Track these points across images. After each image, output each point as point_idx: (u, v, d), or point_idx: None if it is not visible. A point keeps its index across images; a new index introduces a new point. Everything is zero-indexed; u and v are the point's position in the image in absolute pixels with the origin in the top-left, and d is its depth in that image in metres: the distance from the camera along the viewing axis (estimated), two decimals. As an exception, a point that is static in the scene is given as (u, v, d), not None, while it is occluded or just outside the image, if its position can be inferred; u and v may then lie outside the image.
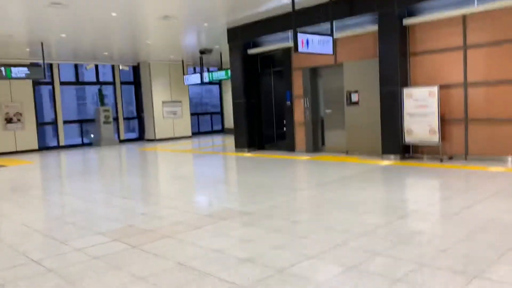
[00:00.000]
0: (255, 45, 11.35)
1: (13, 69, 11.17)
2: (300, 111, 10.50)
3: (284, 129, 11.13)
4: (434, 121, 7.87)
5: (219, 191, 6.58)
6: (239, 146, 11.61)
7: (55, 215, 5.31)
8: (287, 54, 10.60)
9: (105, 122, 16.25)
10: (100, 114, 16.20)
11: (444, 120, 8.00)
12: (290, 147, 10.78)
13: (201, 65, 16.42)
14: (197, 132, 20.00)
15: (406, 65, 8.42)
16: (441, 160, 7.83)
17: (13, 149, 14.50)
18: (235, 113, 11.74)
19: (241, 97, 11.39)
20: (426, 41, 8.20)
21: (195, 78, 17.22)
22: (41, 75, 11.90)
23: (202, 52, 14.71)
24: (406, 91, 8.18)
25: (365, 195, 5.50)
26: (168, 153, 12.72)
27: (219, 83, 20.84)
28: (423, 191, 5.90)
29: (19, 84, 14.42)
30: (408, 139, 8.26)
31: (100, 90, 16.80)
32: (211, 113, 21.92)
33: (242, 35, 11.18)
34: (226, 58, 16.03)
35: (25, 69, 11.43)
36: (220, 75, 16.05)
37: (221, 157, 11.23)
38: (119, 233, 4.24)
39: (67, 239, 4.14)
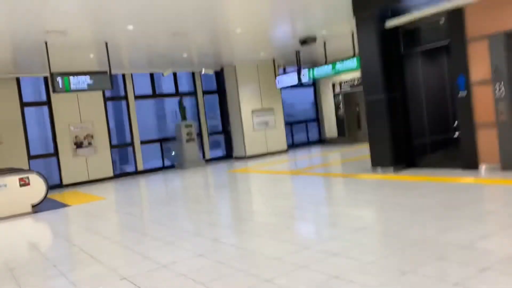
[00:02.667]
0: (396, 13, 7.72)
1: (72, 78, 8.59)
2: (485, 105, 6.62)
3: (450, 134, 7.32)
4: None
5: None
6: (378, 163, 7.94)
7: None
8: (455, 19, 6.83)
9: (188, 140, 13.48)
10: (182, 130, 13.46)
11: None
12: (468, 163, 6.91)
13: (298, 60, 13.16)
14: (291, 145, 16.62)
15: None
16: None
17: (85, 179, 12.15)
18: (369, 116, 8.13)
19: (379, 92, 7.76)
20: None
21: (290, 79, 13.99)
22: (108, 85, 9.24)
23: (303, 41, 11.33)
24: None
25: None
26: (268, 178, 9.45)
27: (314, 84, 17.38)
28: None
29: (88, 100, 12.15)
30: None
31: (180, 102, 14.11)
32: (306, 121, 18.51)
33: (377, 0, 7.61)
34: (331, 49, 12.56)
35: (87, 78, 8.84)
36: (324, 71, 12.60)
37: (354, 184, 7.52)
38: None
39: None
